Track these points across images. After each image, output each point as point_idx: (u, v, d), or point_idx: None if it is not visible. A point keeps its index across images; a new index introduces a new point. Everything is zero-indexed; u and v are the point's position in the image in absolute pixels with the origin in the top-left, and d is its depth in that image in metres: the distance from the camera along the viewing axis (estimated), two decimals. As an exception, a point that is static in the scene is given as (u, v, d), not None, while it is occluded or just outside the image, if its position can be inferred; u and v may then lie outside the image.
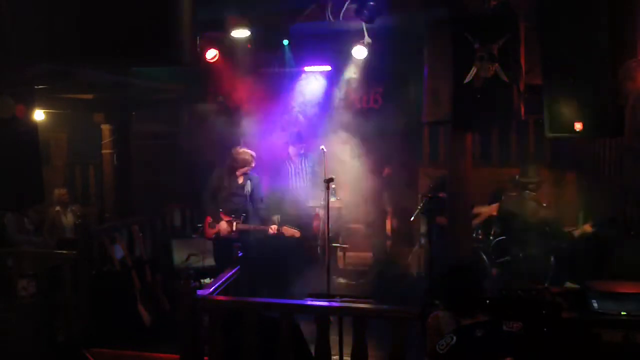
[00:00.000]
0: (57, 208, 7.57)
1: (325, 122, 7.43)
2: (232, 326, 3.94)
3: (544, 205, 6.02)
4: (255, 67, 7.17)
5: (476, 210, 6.13)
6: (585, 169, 6.86)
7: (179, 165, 8.55)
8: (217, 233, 6.15)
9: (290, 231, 6.09)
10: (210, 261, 6.61)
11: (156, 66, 5.92)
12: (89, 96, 8.09)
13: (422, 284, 6.29)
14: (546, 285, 4.93)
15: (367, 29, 5.52)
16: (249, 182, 6.28)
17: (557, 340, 3.15)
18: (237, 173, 6.25)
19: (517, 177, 6.05)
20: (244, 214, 6.18)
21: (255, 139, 7.46)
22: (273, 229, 6.07)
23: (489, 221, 6.26)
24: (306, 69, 7.61)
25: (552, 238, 5.76)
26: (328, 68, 7.55)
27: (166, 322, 5.64)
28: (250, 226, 6.12)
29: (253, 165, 6.28)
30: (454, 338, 2.97)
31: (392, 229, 6.86)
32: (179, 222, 8.02)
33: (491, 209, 6.09)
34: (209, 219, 6.21)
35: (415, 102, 5.74)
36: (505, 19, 4.35)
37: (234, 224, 6.09)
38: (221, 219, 6.13)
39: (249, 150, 6.23)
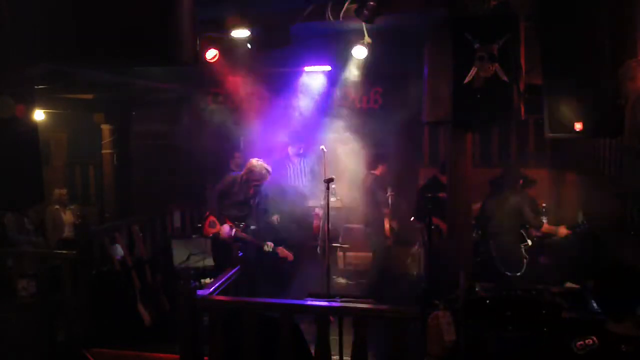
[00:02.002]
0: (57, 207, 7.59)
1: (325, 122, 7.43)
2: (232, 326, 3.94)
3: (534, 206, 6.10)
4: (255, 67, 7.17)
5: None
6: (585, 169, 6.86)
7: (179, 165, 8.56)
8: (216, 233, 6.17)
9: (284, 253, 6.10)
10: (210, 261, 6.61)
11: (156, 66, 5.91)
12: (89, 96, 8.09)
13: (422, 284, 6.29)
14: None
15: (367, 29, 5.52)
16: (257, 194, 6.31)
17: None
18: (250, 184, 6.27)
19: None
20: (244, 223, 6.20)
21: (255, 139, 7.48)
22: (269, 245, 6.09)
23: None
24: (306, 69, 7.61)
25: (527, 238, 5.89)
26: (328, 68, 7.54)
27: (166, 322, 5.65)
28: (248, 237, 6.14)
29: (268, 179, 6.30)
30: (596, 342, 2.88)
31: (391, 229, 6.86)
32: (179, 222, 8.03)
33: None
34: (212, 218, 6.22)
35: (415, 102, 5.74)
36: (505, 19, 4.34)
37: (234, 230, 6.11)
38: (224, 222, 6.14)
39: (265, 165, 6.24)
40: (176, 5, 2.62)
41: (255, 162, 6.20)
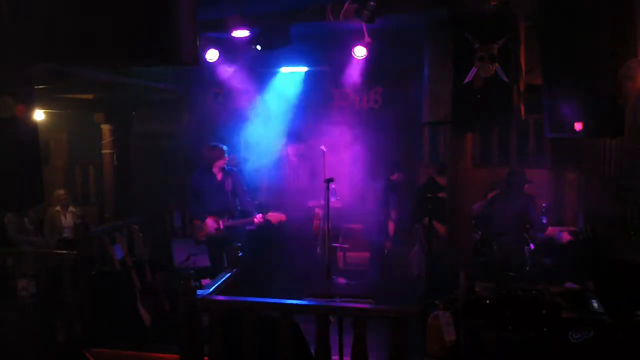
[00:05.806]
0: (57, 208, 7.59)
1: (325, 122, 7.43)
2: (232, 326, 3.94)
3: (538, 208, 6.11)
4: (255, 67, 7.17)
5: None
6: (585, 169, 6.86)
7: (179, 165, 8.55)
8: (207, 234, 6.14)
9: (276, 217, 6.05)
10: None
11: (156, 66, 5.92)
12: (89, 96, 8.10)
13: (422, 284, 6.30)
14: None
15: (367, 29, 5.52)
16: (228, 178, 6.24)
17: None
18: (214, 170, 6.21)
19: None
20: (229, 215, 6.16)
21: (255, 139, 7.48)
22: (258, 217, 6.05)
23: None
24: (306, 68, 7.60)
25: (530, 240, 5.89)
26: (328, 68, 7.54)
27: (166, 322, 5.65)
28: (237, 221, 6.11)
29: (226, 158, 6.23)
30: (592, 332, 2.91)
31: (395, 230, 6.90)
32: (179, 222, 8.03)
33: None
34: (196, 222, 6.19)
35: (415, 102, 5.74)
36: (505, 19, 4.34)
37: (220, 222, 6.07)
38: (205, 218, 6.10)
39: (219, 145, 6.20)
40: (176, 5, 2.62)
41: (208, 146, 6.20)
